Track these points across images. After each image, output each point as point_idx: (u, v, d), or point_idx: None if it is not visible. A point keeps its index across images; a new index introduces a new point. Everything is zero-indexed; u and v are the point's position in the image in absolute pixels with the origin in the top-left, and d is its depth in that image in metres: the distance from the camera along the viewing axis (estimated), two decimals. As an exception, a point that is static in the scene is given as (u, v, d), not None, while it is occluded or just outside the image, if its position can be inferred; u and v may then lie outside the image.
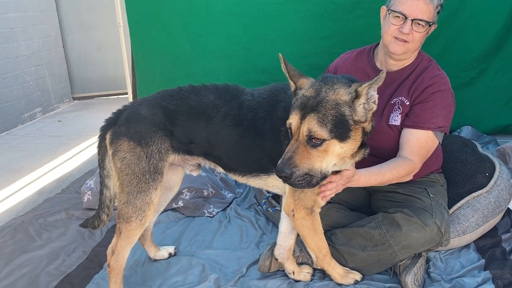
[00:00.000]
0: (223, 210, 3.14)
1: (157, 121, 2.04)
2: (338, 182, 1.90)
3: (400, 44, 2.24)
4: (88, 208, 3.16)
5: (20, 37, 5.90)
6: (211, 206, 3.12)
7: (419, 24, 2.18)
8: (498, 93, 4.29)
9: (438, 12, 2.25)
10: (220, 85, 2.14)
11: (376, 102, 1.79)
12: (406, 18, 2.18)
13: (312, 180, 1.73)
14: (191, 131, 2.06)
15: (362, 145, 1.89)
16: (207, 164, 2.20)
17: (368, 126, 1.85)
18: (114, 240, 2.13)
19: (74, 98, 7.10)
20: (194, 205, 3.08)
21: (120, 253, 2.10)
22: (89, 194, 3.14)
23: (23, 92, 5.94)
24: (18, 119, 5.83)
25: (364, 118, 1.77)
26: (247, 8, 4.24)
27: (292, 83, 1.87)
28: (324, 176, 1.76)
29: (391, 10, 2.23)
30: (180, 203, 3.07)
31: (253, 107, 2.02)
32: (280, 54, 1.89)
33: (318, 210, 2.08)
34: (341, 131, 1.72)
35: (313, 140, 1.71)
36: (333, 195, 1.98)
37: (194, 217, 3.05)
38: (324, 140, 1.70)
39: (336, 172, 1.92)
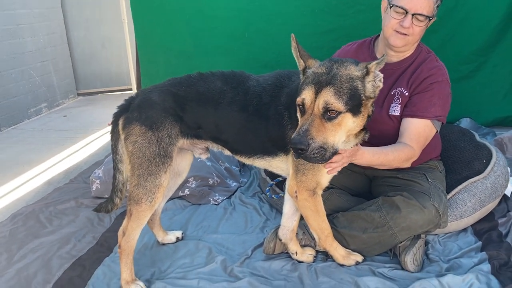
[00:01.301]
0: (228, 198, 3.22)
1: (167, 107, 2.12)
2: (344, 154, 1.96)
3: (400, 37, 2.31)
4: (97, 197, 3.25)
5: (26, 33, 5.99)
6: (216, 194, 3.21)
7: (419, 18, 2.26)
8: (496, 86, 4.37)
9: (437, 6, 2.32)
10: (227, 71, 2.22)
11: (382, 81, 1.87)
12: (407, 12, 2.25)
13: (325, 154, 1.76)
14: (200, 116, 2.15)
15: (363, 128, 1.97)
16: (215, 147, 2.29)
17: (370, 108, 1.92)
18: (125, 222, 2.22)
19: (78, 94, 7.18)
20: (200, 193, 3.17)
21: (131, 234, 2.19)
22: (97, 183, 3.22)
23: (29, 87, 6.03)
24: (25, 114, 5.92)
25: (373, 94, 1.86)
26: (249, 3, 4.33)
27: (301, 62, 1.94)
28: (334, 152, 1.81)
29: (392, 4, 2.30)
30: (187, 191, 3.16)
31: (258, 92, 2.10)
32: (292, 34, 1.95)
33: (320, 192, 2.16)
34: (354, 104, 1.79)
35: (329, 113, 1.75)
36: (339, 169, 2.02)
37: (200, 204, 3.14)
38: (339, 113, 1.76)
39: None
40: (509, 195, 2.80)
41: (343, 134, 1.83)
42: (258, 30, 4.43)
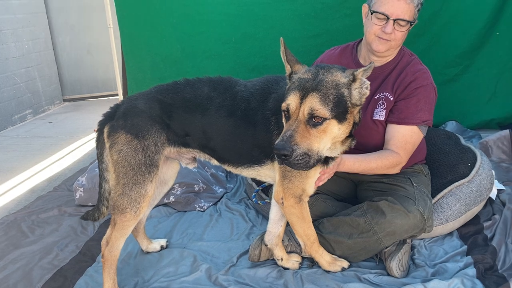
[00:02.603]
0: (213, 204, 3.19)
1: (153, 114, 2.09)
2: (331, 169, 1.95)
3: (382, 42, 2.31)
4: (81, 205, 3.20)
5: (10, 39, 5.92)
6: (202, 200, 3.18)
7: (401, 23, 2.26)
8: (481, 89, 4.41)
9: (418, 10, 2.32)
10: (214, 77, 2.20)
11: (369, 88, 1.85)
12: (388, 18, 2.25)
13: (309, 161, 1.74)
14: (187, 123, 2.12)
15: (349, 136, 1.96)
16: (202, 156, 2.26)
17: (356, 115, 1.91)
18: (108, 231, 2.18)
19: (64, 100, 7.12)
20: (185, 200, 3.13)
21: (114, 244, 2.15)
22: (81, 191, 3.17)
23: (13, 94, 5.95)
24: (9, 121, 5.84)
25: (359, 102, 1.83)
26: (236, 7, 4.32)
27: (288, 67, 1.92)
28: (319, 159, 1.79)
29: (373, 10, 2.29)
30: (172, 198, 3.12)
31: (245, 97, 2.08)
32: (281, 38, 1.93)
33: (306, 199, 2.14)
34: (340, 111, 1.77)
35: (314, 119, 1.73)
36: (326, 180, 2.03)
37: (185, 211, 3.10)
38: (324, 119, 1.74)
39: (327, 159, 1.98)
40: (494, 198, 2.81)
41: (328, 141, 1.81)
42: (245, 34, 4.43)
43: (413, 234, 2.28)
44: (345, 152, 2.05)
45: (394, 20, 2.24)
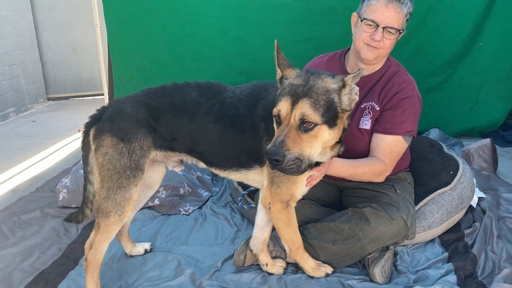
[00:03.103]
0: (199, 208, 3.18)
1: (140, 118, 2.08)
2: (321, 169, 1.98)
3: (371, 50, 2.34)
4: (64, 206, 3.16)
5: (-7, 36, 5.82)
6: (187, 204, 3.17)
7: (390, 31, 2.29)
8: (464, 97, 4.51)
9: (407, 20, 2.35)
10: (202, 82, 2.19)
11: (358, 94, 1.87)
12: (377, 26, 2.28)
13: (301, 166, 1.75)
14: (174, 128, 2.11)
15: (338, 141, 1.98)
16: (190, 160, 2.25)
17: (345, 121, 1.93)
18: (92, 235, 2.16)
19: (48, 99, 7.01)
20: (170, 203, 3.12)
21: (98, 247, 2.13)
22: (64, 192, 3.14)
23: (-4, 91, 5.85)
24: (-9, 119, 5.74)
25: (349, 107, 1.86)
26: (225, 11, 4.34)
27: (279, 71, 1.93)
28: (310, 164, 1.81)
29: (363, 18, 2.32)
30: (156, 201, 3.10)
31: (234, 104, 2.08)
32: (275, 40, 1.94)
33: (293, 205, 2.15)
34: (331, 117, 1.79)
35: (305, 125, 1.75)
36: (316, 182, 2.05)
37: (170, 215, 3.09)
38: (315, 125, 1.75)
39: (316, 164, 1.99)
40: (474, 206, 2.87)
41: (319, 146, 1.83)
42: (234, 37, 4.45)
43: (396, 241, 2.31)
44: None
45: (384, 28, 2.28)
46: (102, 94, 5.61)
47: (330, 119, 1.79)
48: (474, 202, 2.85)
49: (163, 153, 2.17)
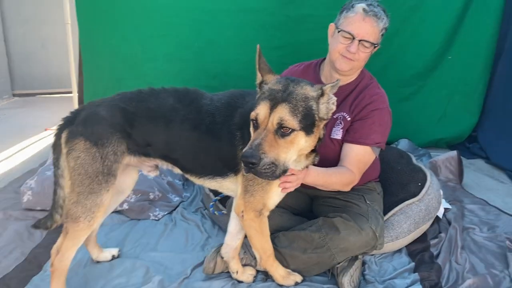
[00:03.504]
0: (169, 213, 3.14)
1: (115, 122, 2.04)
2: (298, 175, 1.99)
3: (346, 61, 2.37)
4: (28, 209, 3.05)
5: (-43, 28, 5.59)
6: (157, 209, 3.12)
7: (365, 45, 2.33)
8: (432, 109, 4.63)
9: (382, 35, 2.41)
10: (180, 88, 2.17)
11: (335, 104, 1.90)
12: (353, 38, 2.32)
13: (276, 171, 1.75)
14: (149, 134, 2.08)
15: (313, 151, 2.00)
16: (165, 165, 2.22)
17: (321, 130, 1.95)
18: (59, 240, 2.10)
19: (14, 95, 6.79)
20: (140, 208, 3.06)
21: (65, 253, 2.07)
22: (29, 194, 3.03)
23: (-42, 85, 5.62)
24: (-49, 114, 5.50)
25: (326, 116, 1.88)
26: (201, 13, 4.30)
27: (259, 75, 1.94)
28: (285, 170, 1.81)
29: (340, 29, 2.35)
30: (125, 206, 3.04)
31: (211, 111, 2.07)
32: (258, 45, 1.94)
33: (266, 214, 2.15)
34: (308, 124, 1.80)
35: (283, 130, 1.75)
36: (292, 189, 2.05)
37: (139, 220, 3.03)
38: (293, 130, 1.76)
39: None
40: (440, 216, 2.94)
41: (294, 152, 1.84)
42: (208, 40, 4.41)
43: (365, 251, 2.35)
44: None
45: (359, 41, 2.31)
46: (71, 92, 5.46)
47: (307, 126, 1.81)
48: (440, 213, 2.92)
49: (138, 159, 2.14)
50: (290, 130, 1.76)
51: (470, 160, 4.31)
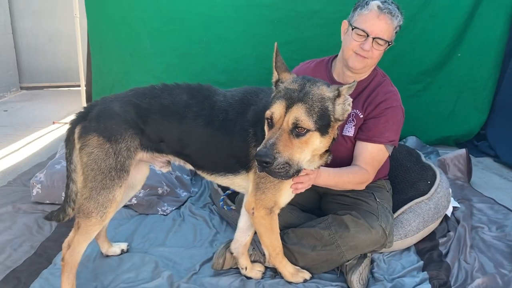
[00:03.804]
0: (177, 208, 3.14)
1: (128, 118, 2.04)
2: (311, 176, 1.98)
3: (359, 59, 2.35)
4: (37, 202, 3.07)
5: (-34, 20, 5.60)
6: (165, 204, 3.12)
7: (379, 42, 2.31)
8: (441, 106, 4.60)
9: (396, 32, 2.38)
10: (193, 84, 2.16)
11: (351, 105, 1.88)
12: (368, 35, 2.29)
13: (289, 171, 1.74)
14: (163, 130, 2.08)
15: (327, 150, 1.99)
16: (177, 161, 2.22)
17: (336, 131, 1.94)
18: (71, 234, 2.11)
19: (22, 88, 6.81)
20: (148, 203, 3.07)
21: (76, 247, 2.09)
22: (38, 188, 3.05)
23: (-34, 78, 5.64)
24: (-41, 107, 5.53)
25: (342, 117, 1.86)
26: (210, 8, 4.30)
27: (275, 74, 1.93)
28: (298, 170, 1.80)
29: (354, 26, 2.33)
30: (134, 200, 3.04)
31: (224, 108, 2.07)
32: (275, 43, 1.93)
33: (277, 211, 2.15)
34: (323, 124, 1.79)
35: (298, 130, 1.75)
36: (303, 190, 2.04)
37: (148, 214, 3.04)
38: (308, 131, 1.75)
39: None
40: (449, 215, 2.93)
41: (309, 152, 1.83)
42: (217, 35, 4.41)
43: (374, 249, 2.34)
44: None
45: (373, 38, 2.29)
46: (78, 86, 5.48)
47: (323, 126, 1.80)
48: (449, 211, 2.92)
49: (150, 154, 2.14)
50: (306, 130, 1.75)
51: (478, 159, 4.29)
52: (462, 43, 4.41)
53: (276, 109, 1.78)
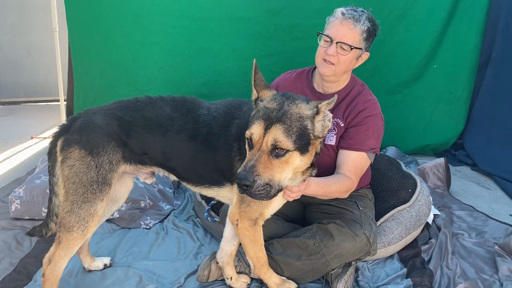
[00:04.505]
0: (160, 222, 3.11)
1: (111, 131, 2.02)
2: (301, 186, 2.00)
3: (327, 66, 2.39)
4: (16, 218, 3.00)
5: None
6: (148, 217, 3.09)
7: (343, 47, 2.35)
8: (419, 116, 4.72)
9: (364, 39, 2.40)
10: (177, 97, 2.16)
11: (331, 121, 1.89)
12: (332, 41, 2.36)
13: (270, 191, 1.75)
14: (146, 143, 2.07)
15: (311, 165, 1.99)
16: (161, 172, 2.21)
17: (318, 146, 1.95)
18: (52, 249, 2.07)
19: (-1, 103, 6.70)
20: (130, 217, 3.03)
21: (57, 263, 2.05)
22: (17, 203, 2.98)
23: None
24: None
25: (322, 134, 1.87)
26: (191, 21, 4.34)
27: (254, 92, 1.94)
28: (280, 189, 1.81)
29: (320, 33, 2.41)
30: (116, 214, 3.00)
31: (208, 122, 2.07)
32: (254, 60, 1.94)
33: (261, 223, 2.16)
34: (303, 143, 1.80)
35: (277, 151, 1.75)
36: (291, 199, 2.05)
37: (130, 228, 3.00)
38: (287, 151, 1.76)
39: None
40: (430, 222, 2.98)
41: (289, 171, 1.83)
42: (198, 48, 4.45)
43: (359, 257, 2.36)
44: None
45: (337, 43, 2.34)
46: (57, 100, 5.41)
47: (302, 145, 1.80)
48: (430, 219, 2.97)
49: (134, 167, 2.12)
50: (285, 151, 1.76)
51: (456, 167, 4.39)
52: (437, 55, 4.55)
53: (255, 130, 1.78)
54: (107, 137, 2.01)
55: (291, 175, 1.87)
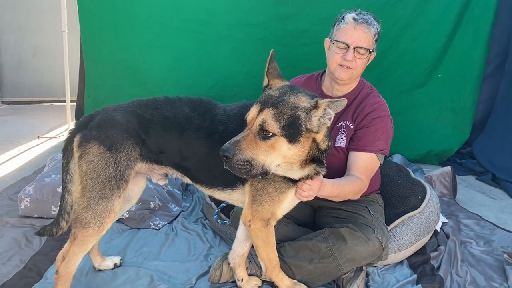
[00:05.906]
0: (169, 223, 3.11)
1: (130, 128, 2.04)
2: (314, 187, 2.03)
3: (344, 70, 2.44)
4: (25, 216, 3.00)
5: None
6: (157, 218, 3.09)
7: (360, 52, 2.40)
8: (422, 124, 4.76)
9: (376, 40, 2.48)
10: (194, 98, 2.19)
11: (331, 120, 1.89)
12: (348, 46, 2.39)
13: (251, 170, 1.80)
14: (164, 141, 2.09)
15: (316, 161, 2.00)
16: (175, 174, 2.22)
17: (322, 141, 1.95)
18: (66, 246, 2.07)
19: (3, 102, 6.70)
20: (140, 217, 3.03)
21: (72, 259, 2.04)
22: (27, 201, 2.98)
23: None
24: None
25: (316, 129, 1.87)
26: (201, 25, 4.39)
27: (266, 79, 1.99)
28: (264, 172, 1.84)
29: (334, 40, 2.44)
30: (125, 214, 2.99)
31: (224, 121, 2.10)
32: (272, 50, 2.02)
33: (273, 223, 2.16)
34: (292, 132, 1.82)
35: (264, 132, 1.80)
36: (305, 199, 2.09)
37: (139, 229, 3.00)
38: (274, 135, 1.80)
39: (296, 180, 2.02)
40: (438, 230, 3.00)
41: (276, 157, 1.85)
42: (208, 51, 4.51)
43: (371, 261, 2.37)
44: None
45: (354, 48, 2.39)
46: (62, 101, 5.42)
47: (291, 133, 1.83)
48: (438, 226, 2.98)
49: (149, 166, 2.13)
50: (271, 134, 1.80)
51: (461, 177, 4.40)
52: (442, 64, 4.60)
53: (251, 112, 1.86)
54: (126, 134, 2.02)
55: (279, 162, 1.88)
